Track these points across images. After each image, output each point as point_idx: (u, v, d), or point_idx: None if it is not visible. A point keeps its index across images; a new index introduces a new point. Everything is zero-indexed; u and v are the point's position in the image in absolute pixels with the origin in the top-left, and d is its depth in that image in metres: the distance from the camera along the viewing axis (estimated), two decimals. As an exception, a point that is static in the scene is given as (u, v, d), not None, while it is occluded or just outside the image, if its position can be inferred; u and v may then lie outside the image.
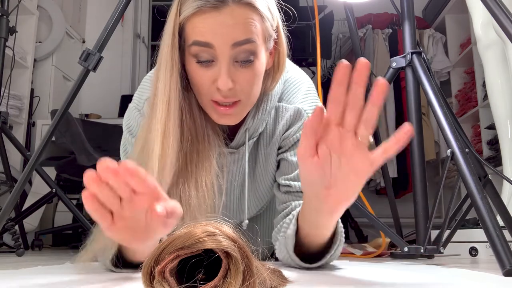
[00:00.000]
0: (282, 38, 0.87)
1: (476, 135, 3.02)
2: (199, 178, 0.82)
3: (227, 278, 0.43)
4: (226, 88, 0.78)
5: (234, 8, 0.76)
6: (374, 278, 0.71)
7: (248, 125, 0.91)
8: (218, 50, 0.77)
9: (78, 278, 0.70)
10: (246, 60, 0.79)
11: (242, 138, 0.93)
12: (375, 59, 3.42)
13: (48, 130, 1.29)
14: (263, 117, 0.92)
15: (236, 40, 0.77)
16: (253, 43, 0.78)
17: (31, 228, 2.54)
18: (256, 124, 0.92)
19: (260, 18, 0.79)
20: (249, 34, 0.77)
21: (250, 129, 0.92)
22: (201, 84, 0.81)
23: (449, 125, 1.10)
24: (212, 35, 0.76)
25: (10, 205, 1.30)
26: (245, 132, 0.92)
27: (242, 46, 0.77)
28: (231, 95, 0.80)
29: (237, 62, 0.79)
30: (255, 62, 0.80)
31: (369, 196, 3.44)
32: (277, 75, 0.90)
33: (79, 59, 1.28)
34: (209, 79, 0.79)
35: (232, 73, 0.78)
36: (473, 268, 1.07)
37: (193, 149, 0.83)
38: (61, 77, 3.36)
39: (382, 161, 0.58)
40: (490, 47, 1.89)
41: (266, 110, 0.92)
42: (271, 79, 0.90)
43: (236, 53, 0.78)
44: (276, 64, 0.89)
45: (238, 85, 0.80)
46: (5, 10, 2.11)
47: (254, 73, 0.81)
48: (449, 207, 1.17)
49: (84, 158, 2.14)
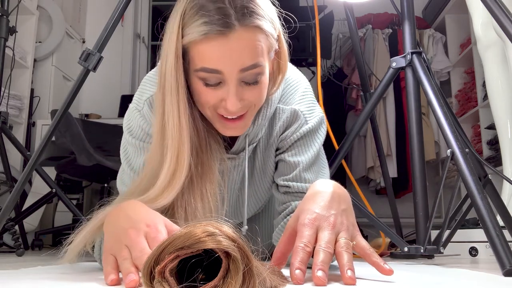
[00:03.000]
0: (283, 43, 0.87)
1: (476, 135, 3.02)
2: (204, 190, 0.82)
3: (227, 278, 0.43)
4: (235, 109, 0.78)
5: (242, 32, 0.75)
6: (374, 278, 0.71)
7: (248, 131, 0.91)
8: (227, 75, 0.76)
9: (78, 278, 0.70)
10: (253, 81, 0.79)
11: (242, 144, 0.92)
12: (375, 59, 3.42)
13: (48, 130, 1.29)
14: (263, 122, 0.92)
15: (244, 66, 0.76)
16: (260, 66, 0.78)
17: (31, 228, 2.54)
18: (256, 130, 0.92)
19: (265, 36, 0.79)
20: (256, 59, 0.77)
21: (250, 134, 0.92)
22: (207, 102, 0.80)
23: (449, 125, 1.10)
24: (221, 62, 0.75)
25: (10, 205, 1.30)
26: (245, 138, 0.92)
27: (250, 70, 0.77)
28: (238, 112, 0.81)
29: (244, 82, 0.79)
30: (262, 79, 0.80)
31: (369, 196, 3.44)
32: (279, 79, 0.90)
33: (79, 59, 1.28)
34: (217, 98, 0.79)
35: (239, 93, 0.78)
36: (473, 268, 1.07)
37: (198, 162, 0.83)
38: (61, 77, 3.36)
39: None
40: (490, 47, 1.89)
41: (266, 116, 0.92)
42: (273, 83, 0.90)
43: (243, 76, 0.78)
44: (277, 68, 0.88)
45: (246, 101, 0.80)
46: (5, 10, 2.11)
47: (261, 89, 0.81)
48: (449, 207, 1.16)
49: (84, 158, 2.14)
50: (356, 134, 1.39)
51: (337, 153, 1.33)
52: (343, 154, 1.31)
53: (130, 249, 0.60)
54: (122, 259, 0.60)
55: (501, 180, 1.76)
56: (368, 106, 1.38)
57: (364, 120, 1.38)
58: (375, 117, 1.97)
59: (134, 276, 0.56)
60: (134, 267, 0.58)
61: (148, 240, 0.61)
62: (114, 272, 0.60)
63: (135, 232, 0.62)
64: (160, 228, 0.63)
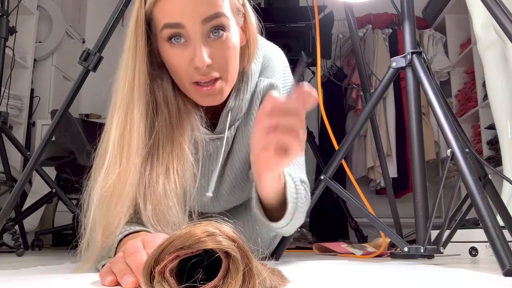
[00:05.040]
0: (250, 13, 0.89)
1: (476, 135, 3.02)
2: (170, 165, 0.81)
3: (227, 278, 0.43)
4: (203, 65, 0.78)
5: None
6: (374, 278, 0.71)
7: (230, 106, 0.91)
8: (189, 28, 0.78)
9: (78, 278, 0.70)
10: (218, 35, 0.80)
11: (226, 121, 0.92)
12: (375, 59, 3.42)
13: (48, 130, 1.29)
14: (245, 97, 0.92)
15: (205, 16, 0.78)
16: (222, 16, 0.79)
17: (31, 228, 2.54)
18: (239, 105, 0.92)
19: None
20: (217, 8, 0.79)
21: (233, 110, 0.92)
22: (178, 66, 0.81)
23: (449, 125, 1.10)
24: (181, 14, 0.77)
25: (10, 205, 1.30)
26: (228, 113, 0.92)
27: (212, 21, 0.79)
28: (209, 72, 0.81)
29: (210, 38, 0.80)
30: (227, 35, 0.81)
31: (369, 196, 3.44)
32: (251, 50, 0.91)
33: (79, 59, 1.28)
34: (186, 60, 0.80)
35: (207, 49, 0.79)
36: (473, 268, 1.07)
37: (167, 137, 0.83)
38: (61, 77, 3.36)
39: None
40: (490, 47, 1.89)
41: (247, 90, 0.93)
42: (247, 56, 0.91)
43: (207, 29, 0.79)
44: (248, 39, 0.90)
45: (215, 61, 0.81)
46: (5, 10, 2.11)
47: (228, 46, 0.82)
48: (449, 207, 1.16)
49: (84, 158, 2.14)
50: (356, 134, 1.39)
51: (337, 153, 1.33)
52: (343, 154, 1.31)
53: (125, 252, 0.59)
54: (115, 261, 0.59)
55: (501, 180, 1.76)
56: (368, 106, 1.38)
57: (364, 120, 1.38)
58: (375, 117, 1.97)
59: (131, 277, 0.54)
60: (129, 267, 0.56)
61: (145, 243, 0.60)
62: (111, 274, 0.58)
63: (131, 241, 0.62)
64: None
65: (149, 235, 0.65)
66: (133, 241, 0.61)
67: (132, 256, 0.57)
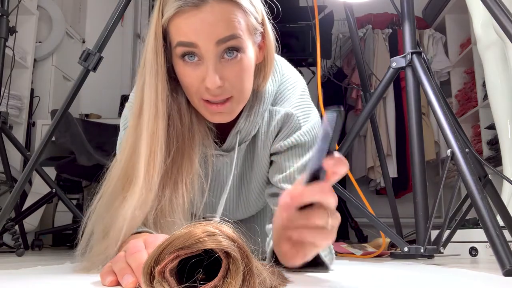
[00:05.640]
0: (269, 31, 0.86)
1: (476, 135, 3.02)
2: (179, 180, 0.81)
3: (227, 278, 0.43)
4: (214, 86, 0.77)
5: (214, 4, 0.75)
6: (374, 278, 0.71)
7: (240, 127, 0.90)
8: (203, 48, 0.76)
9: (78, 278, 0.70)
10: (232, 56, 0.78)
11: (234, 141, 0.91)
12: (375, 59, 3.42)
13: (48, 130, 1.29)
14: (256, 119, 0.91)
15: (220, 37, 0.76)
16: (237, 38, 0.77)
17: (31, 228, 2.54)
18: (248, 127, 0.91)
19: (242, 12, 0.78)
20: (232, 30, 0.76)
21: (242, 131, 0.90)
22: (190, 84, 0.80)
23: (449, 125, 1.10)
24: (195, 34, 0.76)
25: (10, 205, 1.30)
26: (236, 134, 0.91)
27: (226, 42, 0.76)
28: (220, 93, 0.79)
29: (224, 59, 0.78)
30: (242, 56, 0.79)
31: (369, 196, 3.45)
32: (267, 69, 0.89)
33: (79, 59, 1.28)
34: (197, 79, 0.79)
35: (219, 70, 0.78)
36: (473, 268, 1.07)
37: (178, 151, 0.82)
38: (61, 77, 3.36)
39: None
40: (490, 47, 1.89)
41: (258, 113, 0.90)
42: (263, 74, 0.89)
43: (221, 50, 0.77)
44: (264, 58, 0.88)
45: (228, 81, 0.79)
46: (5, 10, 2.10)
47: (242, 68, 0.80)
48: (449, 207, 1.17)
49: (84, 158, 2.14)
50: (356, 134, 1.39)
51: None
52: (343, 154, 1.31)
53: (126, 252, 0.59)
54: (116, 261, 0.59)
55: (501, 180, 1.76)
56: (368, 106, 1.38)
57: (364, 120, 1.38)
58: (375, 117, 1.97)
59: (131, 277, 0.54)
60: (129, 267, 0.56)
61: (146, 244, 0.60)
62: (111, 274, 0.58)
63: (133, 240, 0.62)
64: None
65: (151, 235, 0.65)
66: (135, 241, 0.61)
67: (133, 255, 0.57)
